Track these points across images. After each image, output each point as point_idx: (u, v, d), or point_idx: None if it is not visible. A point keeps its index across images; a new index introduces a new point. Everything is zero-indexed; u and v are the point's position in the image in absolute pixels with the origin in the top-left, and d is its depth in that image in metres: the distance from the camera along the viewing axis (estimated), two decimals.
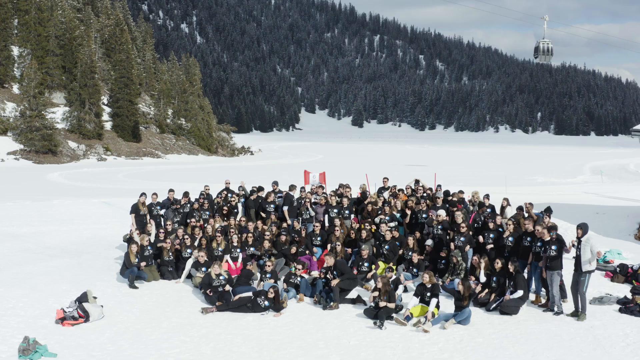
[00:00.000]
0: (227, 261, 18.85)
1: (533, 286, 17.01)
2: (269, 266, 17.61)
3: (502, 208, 21.11)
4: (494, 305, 15.92)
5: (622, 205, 36.66)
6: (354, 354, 13.15)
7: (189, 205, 21.96)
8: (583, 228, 15.56)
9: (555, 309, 15.87)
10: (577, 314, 15.53)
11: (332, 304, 16.03)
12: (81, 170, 63.62)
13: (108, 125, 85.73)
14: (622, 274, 19.33)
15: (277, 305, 15.61)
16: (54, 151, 73.93)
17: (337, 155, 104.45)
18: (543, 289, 16.78)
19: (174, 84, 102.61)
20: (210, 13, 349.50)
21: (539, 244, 16.44)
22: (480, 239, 18.20)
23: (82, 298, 15.24)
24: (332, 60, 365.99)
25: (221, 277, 16.66)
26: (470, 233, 18.47)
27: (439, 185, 23.72)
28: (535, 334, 14.38)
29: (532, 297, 16.78)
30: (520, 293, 15.87)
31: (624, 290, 18.00)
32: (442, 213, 19.85)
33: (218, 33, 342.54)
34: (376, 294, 15.39)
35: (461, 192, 22.12)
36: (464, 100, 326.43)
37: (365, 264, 18.33)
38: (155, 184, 49.81)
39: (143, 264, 18.01)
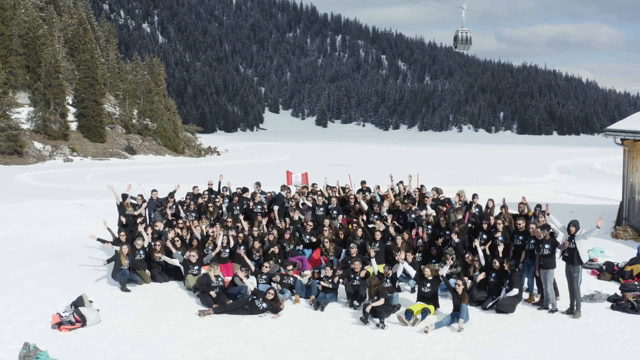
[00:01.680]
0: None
1: (525, 284, 17.13)
2: (266, 267, 17.46)
3: (487, 208, 21.12)
4: (490, 303, 16.01)
5: (594, 204, 37.08)
6: (358, 354, 13.15)
7: (175, 206, 21.70)
8: (575, 225, 15.76)
9: (550, 306, 16.03)
10: (572, 311, 15.69)
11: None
12: (49, 171, 62.65)
13: (73, 126, 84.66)
14: (609, 271, 19.58)
15: (275, 306, 15.50)
16: (19, 152, 72.73)
17: (303, 155, 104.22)
18: (535, 287, 16.95)
19: (139, 84, 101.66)
20: (171, 13, 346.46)
21: (532, 242, 16.55)
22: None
23: (78, 302, 14.97)
24: (295, 60, 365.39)
25: (219, 279, 16.51)
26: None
27: (422, 185, 23.75)
28: (534, 332, 14.53)
29: (525, 295, 16.88)
30: (515, 291, 15.96)
31: (611, 287, 18.27)
32: (431, 212, 19.91)
33: (180, 33, 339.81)
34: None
35: (459, 194, 22.19)
36: (427, 100, 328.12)
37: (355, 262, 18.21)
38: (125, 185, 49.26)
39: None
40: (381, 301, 15.06)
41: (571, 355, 13.13)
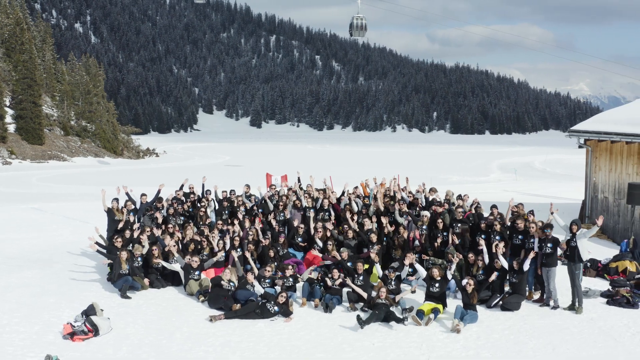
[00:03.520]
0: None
1: None
2: (268, 271, 17.34)
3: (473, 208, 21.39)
4: (495, 302, 16.27)
5: (549, 202, 37.67)
6: (382, 355, 13.25)
7: (164, 210, 21.33)
8: (577, 223, 16.21)
9: (552, 303, 16.45)
10: (574, 307, 16.08)
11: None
12: None
13: (11, 128, 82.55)
14: (593, 268, 20.16)
15: (286, 310, 15.43)
16: None
17: (244, 156, 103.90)
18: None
19: (77, 85, 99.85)
20: (104, 12, 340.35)
21: (532, 240, 16.86)
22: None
23: (90, 311, 14.58)
24: (229, 60, 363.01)
25: (231, 284, 16.37)
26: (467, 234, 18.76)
27: (404, 187, 23.89)
28: (545, 328, 14.94)
29: None
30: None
31: (597, 283, 18.90)
32: (426, 213, 20.04)
33: (113, 33, 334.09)
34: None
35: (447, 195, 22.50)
36: (361, 101, 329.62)
37: (348, 264, 18.21)
38: (79, 188, 48.50)
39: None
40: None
41: (587, 350, 13.59)
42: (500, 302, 16.27)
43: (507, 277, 16.63)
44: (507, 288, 16.72)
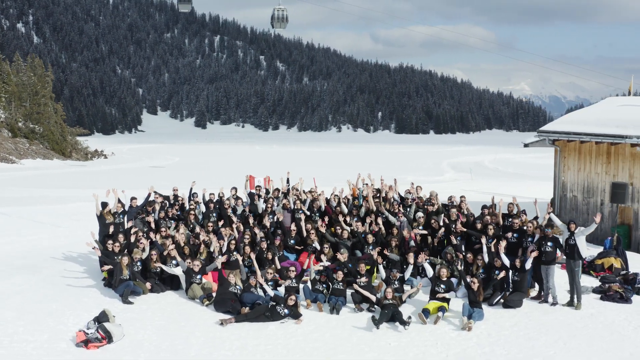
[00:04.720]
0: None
1: None
2: (270, 273, 17.41)
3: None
4: (497, 299, 16.63)
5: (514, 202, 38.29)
6: (401, 354, 13.47)
7: (155, 214, 21.15)
8: (576, 222, 16.71)
9: (551, 300, 16.85)
10: (573, 303, 16.55)
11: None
12: None
13: None
14: None
15: (296, 312, 15.53)
16: None
17: (194, 157, 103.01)
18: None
19: (24, 87, 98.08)
20: (47, 12, 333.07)
21: (529, 239, 17.29)
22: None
23: (102, 318, 14.39)
24: (173, 61, 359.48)
25: (237, 287, 16.39)
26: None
27: (391, 187, 24.13)
28: (551, 324, 15.39)
29: None
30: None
31: (585, 280, 19.37)
32: (420, 214, 20.31)
33: (55, 33, 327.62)
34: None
35: (432, 195, 22.76)
36: (306, 101, 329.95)
37: (349, 265, 18.37)
38: (36, 191, 47.67)
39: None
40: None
41: (597, 344, 14.06)
42: (502, 300, 16.65)
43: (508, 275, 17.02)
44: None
